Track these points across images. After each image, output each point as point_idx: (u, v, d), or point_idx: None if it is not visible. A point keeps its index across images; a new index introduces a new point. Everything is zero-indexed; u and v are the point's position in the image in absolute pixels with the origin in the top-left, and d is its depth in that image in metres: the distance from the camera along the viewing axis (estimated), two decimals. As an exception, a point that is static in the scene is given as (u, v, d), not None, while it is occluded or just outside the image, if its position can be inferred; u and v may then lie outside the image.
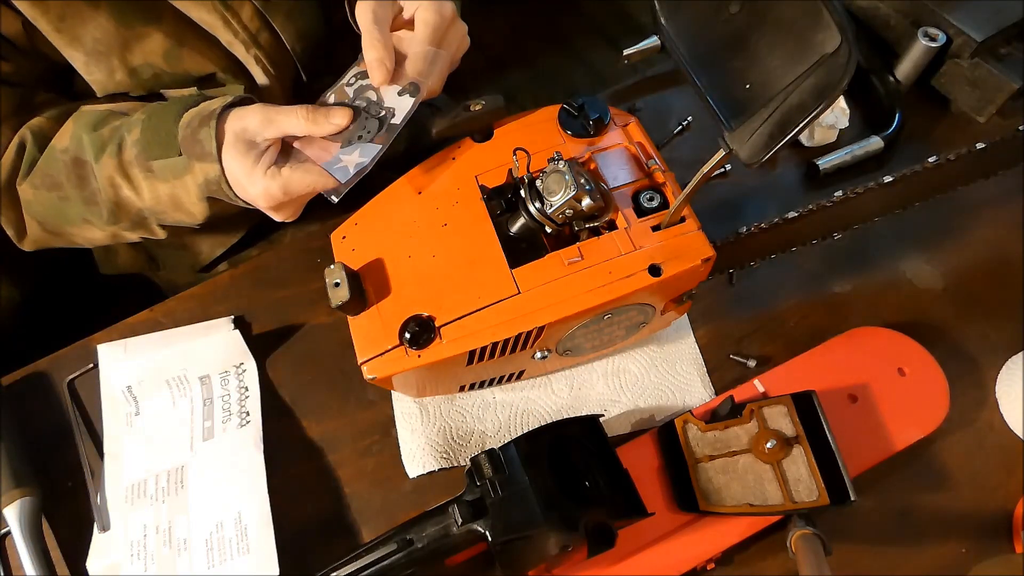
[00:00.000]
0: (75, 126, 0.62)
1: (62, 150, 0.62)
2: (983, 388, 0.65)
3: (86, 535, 0.61)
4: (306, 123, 0.55)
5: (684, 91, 0.82)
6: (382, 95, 0.57)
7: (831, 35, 0.39)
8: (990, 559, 0.56)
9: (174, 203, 0.62)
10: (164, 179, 0.60)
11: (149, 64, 0.62)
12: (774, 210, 0.68)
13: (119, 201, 0.63)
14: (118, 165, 0.60)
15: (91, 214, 0.64)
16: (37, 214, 0.66)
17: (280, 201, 0.57)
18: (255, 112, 0.56)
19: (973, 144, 0.70)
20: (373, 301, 0.54)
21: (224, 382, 0.66)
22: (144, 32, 0.61)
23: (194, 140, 0.57)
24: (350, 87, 0.58)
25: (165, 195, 0.61)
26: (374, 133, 0.56)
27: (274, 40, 0.66)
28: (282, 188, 0.56)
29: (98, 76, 0.62)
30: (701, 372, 0.66)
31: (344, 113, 0.55)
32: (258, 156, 0.56)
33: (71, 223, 0.66)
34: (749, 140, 0.44)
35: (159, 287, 0.87)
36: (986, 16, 0.74)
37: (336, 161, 0.55)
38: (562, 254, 0.53)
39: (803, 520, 0.55)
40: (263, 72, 0.66)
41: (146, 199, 0.62)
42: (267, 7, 0.64)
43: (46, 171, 0.63)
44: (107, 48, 0.60)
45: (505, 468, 0.52)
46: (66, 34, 0.59)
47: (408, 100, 0.56)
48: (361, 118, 0.56)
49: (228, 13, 0.62)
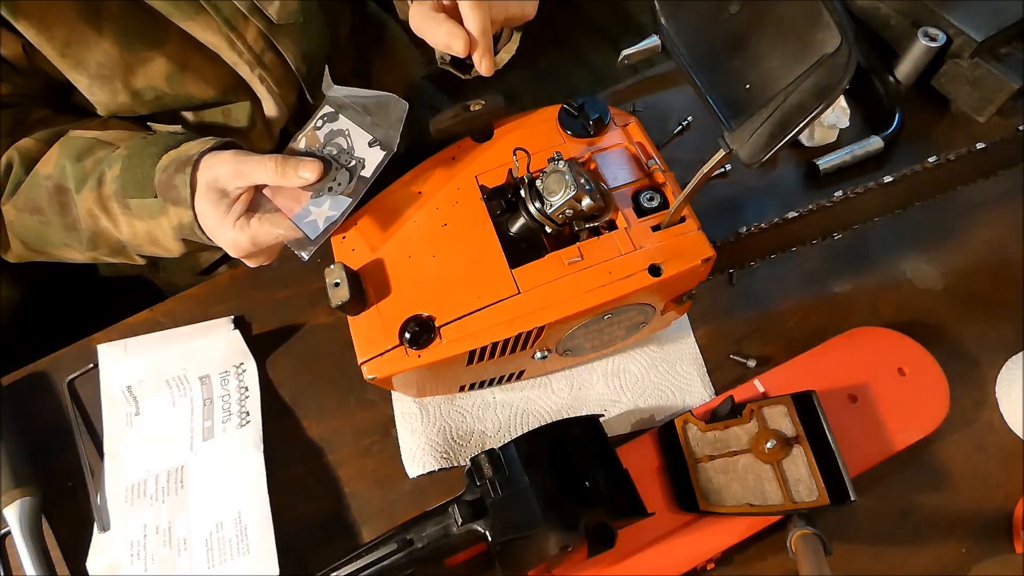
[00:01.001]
0: (59, 154, 0.62)
1: (45, 176, 0.62)
2: (983, 388, 0.65)
3: (86, 535, 0.61)
4: (275, 175, 0.54)
5: (684, 91, 0.82)
6: (353, 143, 0.56)
7: (831, 35, 0.39)
8: (990, 559, 0.56)
9: (151, 239, 0.61)
10: (141, 217, 0.60)
11: (152, 87, 0.63)
12: (774, 210, 0.68)
13: (98, 231, 0.62)
14: (97, 198, 0.60)
15: (71, 239, 0.64)
16: (19, 234, 0.66)
17: (249, 251, 0.57)
18: (226, 161, 0.55)
19: (973, 144, 0.70)
20: (373, 301, 0.54)
21: (224, 382, 0.66)
22: (148, 56, 0.61)
23: (169, 185, 0.57)
24: (319, 130, 0.57)
25: (142, 231, 0.61)
26: (344, 185, 0.54)
27: (279, 60, 0.66)
28: (250, 240, 0.56)
29: (101, 98, 0.63)
30: (701, 372, 0.66)
31: (314, 167, 0.54)
32: (229, 206, 0.56)
33: (52, 245, 0.66)
34: (749, 140, 0.44)
35: (159, 288, 0.87)
36: (986, 16, 0.74)
37: (306, 214, 0.54)
38: (562, 254, 0.53)
39: (803, 520, 0.55)
40: (267, 92, 0.67)
41: (124, 233, 0.62)
42: (272, 28, 0.64)
43: (29, 195, 0.63)
44: (111, 72, 0.61)
45: (505, 468, 0.52)
46: (71, 59, 0.59)
47: (379, 153, 0.55)
48: (332, 168, 0.55)
49: (233, 34, 0.62)
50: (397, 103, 0.56)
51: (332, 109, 0.57)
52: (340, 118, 0.57)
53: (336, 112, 0.57)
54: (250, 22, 0.63)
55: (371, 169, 0.55)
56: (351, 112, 0.57)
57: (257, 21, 0.63)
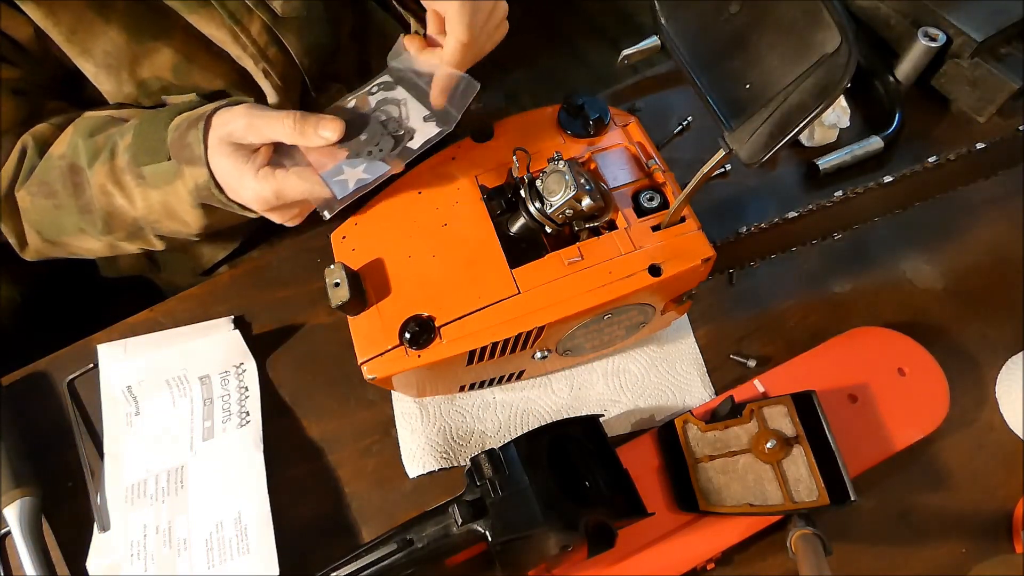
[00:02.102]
0: (73, 132, 0.62)
1: (59, 156, 0.62)
2: (983, 388, 0.65)
3: (86, 535, 0.61)
4: (292, 132, 0.52)
5: (684, 91, 0.82)
6: (407, 114, 0.53)
7: (831, 35, 0.39)
8: (990, 559, 0.56)
9: (167, 211, 0.61)
10: (156, 185, 0.59)
11: (158, 78, 0.63)
12: (774, 210, 0.68)
13: (112, 210, 0.62)
14: (110, 172, 0.60)
15: (86, 223, 0.64)
16: (34, 222, 0.66)
17: (273, 205, 0.55)
18: (240, 116, 0.54)
19: (973, 144, 0.70)
20: (373, 301, 0.54)
21: (224, 382, 0.66)
22: (154, 47, 0.61)
23: (182, 144, 0.56)
24: (372, 96, 0.55)
25: (158, 203, 0.60)
26: (386, 152, 0.52)
27: (283, 54, 0.66)
28: (274, 192, 0.53)
29: (107, 87, 0.62)
30: (701, 372, 0.66)
31: (335, 126, 0.51)
32: (247, 155, 0.54)
33: (67, 233, 0.66)
34: (749, 140, 0.44)
35: (159, 288, 0.87)
36: (986, 16, 0.74)
37: (337, 172, 0.52)
38: (562, 254, 0.53)
39: (803, 520, 0.55)
40: (271, 86, 0.66)
41: (139, 207, 0.61)
42: (276, 22, 0.64)
43: (43, 178, 0.62)
44: (117, 61, 0.61)
45: (505, 468, 0.52)
46: (77, 46, 0.59)
47: (432, 128, 0.52)
48: (377, 131, 0.53)
49: (237, 28, 0.62)
50: (469, 83, 0.54)
51: (391, 79, 0.55)
52: (398, 89, 0.55)
53: (394, 83, 0.55)
54: (254, 16, 0.63)
55: (419, 142, 0.53)
56: (411, 85, 0.55)
57: (262, 14, 0.63)
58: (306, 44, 0.67)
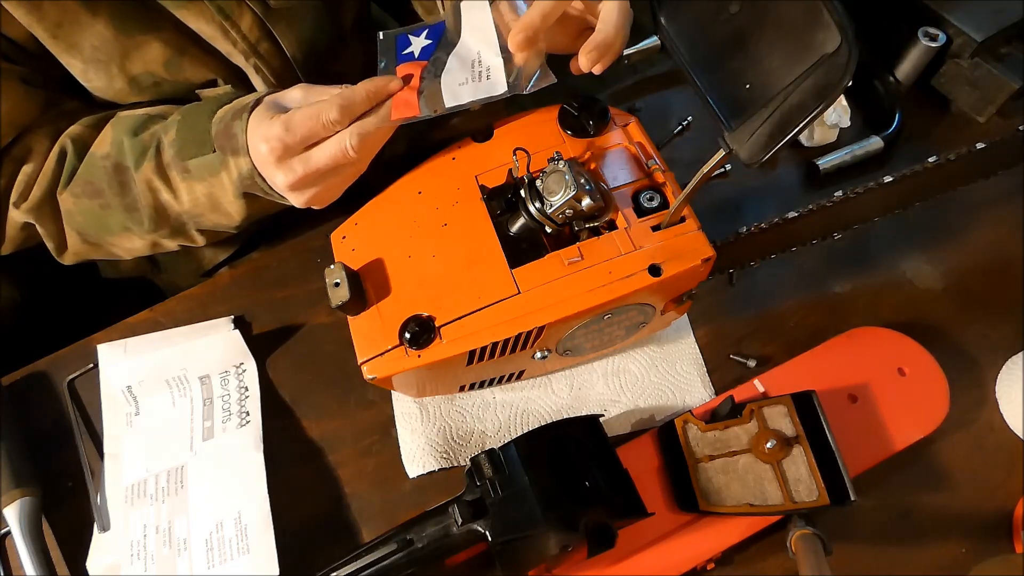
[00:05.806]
0: (115, 131, 0.62)
1: (103, 156, 0.61)
2: (983, 388, 0.65)
3: (86, 535, 0.61)
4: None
5: (684, 91, 0.82)
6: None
7: (831, 35, 0.39)
8: (990, 559, 0.56)
9: (212, 203, 0.61)
10: (201, 178, 0.59)
11: (149, 73, 0.62)
12: (774, 210, 0.68)
13: (158, 206, 0.62)
14: (156, 167, 0.60)
15: (132, 222, 0.63)
16: (77, 224, 0.65)
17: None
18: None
19: (973, 144, 0.70)
20: (373, 301, 0.54)
21: (224, 382, 0.66)
22: (143, 41, 0.60)
23: (228, 134, 0.56)
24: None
25: (203, 195, 0.60)
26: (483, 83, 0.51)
27: (274, 49, 0.65)
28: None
29: (97, 83, 0.62)
30: (701, 372, 0.66)
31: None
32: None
33: (111, 232, 0.65)
34: (749, 140, 0.44)
35: (159, 288, 0.87)
36: (986, 16, 0.74)
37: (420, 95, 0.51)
38: (562, 254, 0.53)
39: (803, 520, 0.55)
40: (263, 81, 0.66)
41: (184, 202, 0.61)
42: (268, 16, 0.63)
43: (87, 179, 0.62)
44: (106, 56, 0.60)
45: (505, 468, 0.52)
46: (63, 41, 0.58)
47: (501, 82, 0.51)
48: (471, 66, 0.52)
49: (227, 23, 0.61)
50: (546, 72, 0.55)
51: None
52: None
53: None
54: (245, 10, 0.61)
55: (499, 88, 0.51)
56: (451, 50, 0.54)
57: (253, 6, 0.62)
58: (299, 38, 0.66)
